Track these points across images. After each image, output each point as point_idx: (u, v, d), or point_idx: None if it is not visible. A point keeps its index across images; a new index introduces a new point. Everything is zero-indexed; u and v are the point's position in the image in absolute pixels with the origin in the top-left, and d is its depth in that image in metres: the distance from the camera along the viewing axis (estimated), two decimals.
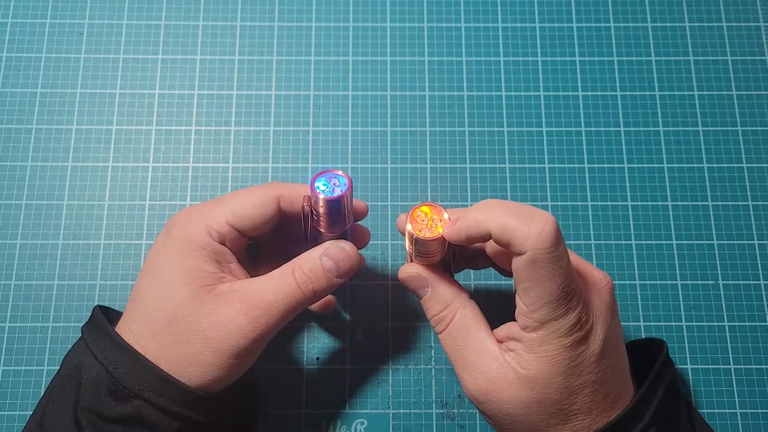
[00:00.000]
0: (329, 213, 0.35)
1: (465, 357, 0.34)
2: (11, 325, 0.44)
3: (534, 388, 0.31)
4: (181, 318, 0.33)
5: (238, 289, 0.34)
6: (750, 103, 0.49)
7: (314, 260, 0.35)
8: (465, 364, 0.34)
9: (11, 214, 0.46)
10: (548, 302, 0.31)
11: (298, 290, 0.34)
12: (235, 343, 0.33)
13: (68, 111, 0.48)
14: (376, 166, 0.48)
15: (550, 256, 0.30)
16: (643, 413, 0.32)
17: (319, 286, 0.35)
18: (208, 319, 0.33)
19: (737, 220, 0.47)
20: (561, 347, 0.31)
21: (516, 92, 0.50)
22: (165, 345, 0.33)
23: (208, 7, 0.51)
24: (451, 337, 0.35)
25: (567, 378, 0.31)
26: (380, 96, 0.49)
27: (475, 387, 0.33)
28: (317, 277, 0.35)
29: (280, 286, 0.34)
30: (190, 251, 0.34)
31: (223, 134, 0.48)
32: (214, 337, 0.33)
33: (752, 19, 0.52)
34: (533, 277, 0.31)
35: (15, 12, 0.50)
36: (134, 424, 0.32)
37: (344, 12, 0.51)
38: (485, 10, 0.51)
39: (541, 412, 0.32)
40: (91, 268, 0.45)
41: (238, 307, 0.33)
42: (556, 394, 0.31)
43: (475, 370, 0.33)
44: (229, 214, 0.35)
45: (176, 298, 0.33)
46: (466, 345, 0.34)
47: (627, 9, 0.52)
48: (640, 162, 0.48)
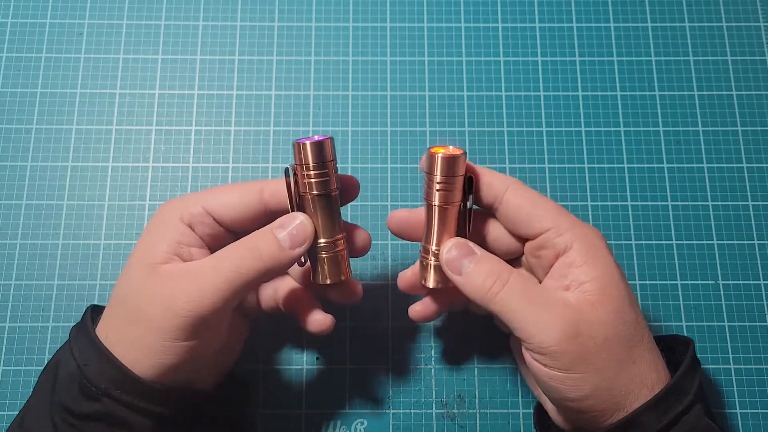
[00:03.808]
0: (314, 164, 0.33)
1: (536, 306, 0.32)
2: (11, 325, 0.44)
3: (609, 303, 0.32)
4: (130, 298, 0.32)
5: (182, 267, 0.33)
6: (750, 103, 0.49)
7: (265, 232, 0.33)
8: (538, 315, 0.32)
9: (11, 214, 0.46)
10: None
11: (247, 264, 0.32)
12: (172, 323, 0.31)
13: (68, 111, 0.48)
14: (376, 166, 0.48)
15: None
16: (688, 388, 0.32)
17: (270, 259, 0.32)
18: (150, 298, 0.32)
19: (737, 220, 0.47)
20: (609, 260, 0.33)
21: (516, 92, 0.50)
22: (118, 329, 0.32)
23: (208, 7, 0.51)
24: (515, 291, 0.32)
25: (626, 287, 0.33)
26: (380, 96, 0.49)
27: (556, 332, 0.31)
28: (268, 248, 0.33)
29: (224, 262, 0.32)
30: (152, 230, 0.34)
31: (223, 134, 0.48)
32: (153, 316, 0.31)
33: (752, 19, 0.52)
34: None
35: (15, 12, 0.50)
36: (105, 421, 0.31)
37: (344, 12, 0.51)
38: (485, 10, 0.51)
39: (622, 339, 0.31)
40: (91, 268, 0.45)
41: (179, 285, 0.32)
42: (629, 308, 0.32)
43: (551, 315, 0.31)
44: (207, 199, 0.34)
45: (128, 278, 0.33)
46: (536, 293, 0.32)
47: (627, 9, 0.52)
48: (640, 162, 0.48)
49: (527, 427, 0.42)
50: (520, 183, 0.35)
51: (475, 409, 0.43)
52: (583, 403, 0.32)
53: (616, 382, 0.31)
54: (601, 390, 0.31)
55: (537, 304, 0.32)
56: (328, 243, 0.35)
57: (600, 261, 0.33)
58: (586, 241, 0.33)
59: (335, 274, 0.36)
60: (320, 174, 0.34)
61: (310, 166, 0.34)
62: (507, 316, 0.32)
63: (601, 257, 0.33)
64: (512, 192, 0.34)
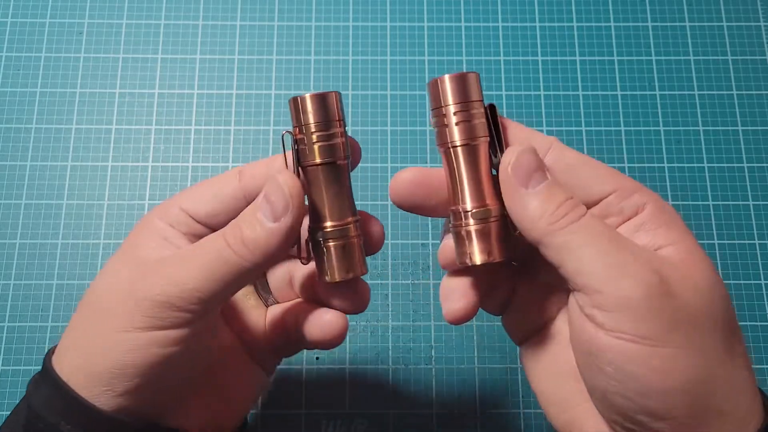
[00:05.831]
0: (317, 122, 0.27)
1: (616, 247, 0.23)
2: (10, 325, 0.44)
3: (703, 267, 0.24)
4: (92, 296, 0.28)
5: (158, 255, 0.28)
6: (750, 103, 0.49)
7: (249, 207, 0.27)
8: (619, 256, 0.23)
9: (10, 214, 0.46)
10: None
11: (225, 253, 0.26)
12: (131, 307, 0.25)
13: (68, 110, 0.48)
14: (376, 166, 0.48)
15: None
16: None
17: (252, 242, 0.25)
18: (111, 285, 0.27)
19: (738, 220, 0.47)
20: (686, 227, 0.26)
21: (516, 91, 0.49)
22: (73, 339, 0.27)
23: (207, 6, 0.51)
24: (592, 226, 0.24)
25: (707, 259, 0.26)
26: (380, 95, 0.49)
27: (642, 280, 0.22)
28: (250, 228, 0.26)
29: (205, 246, 0.26)
30: (132, 233, 0.30)
31: (223, 134, 0.48)
32: (111, 305, 0.26)
33: (752, 18, 0.52)
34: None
35: (15, 11, 0.50)
36: None
37: (344, 11, 0.51)
38: (485, 9, 0.51)
39: (721, 317, 0.23)
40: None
41: (149, 270, 0.26)
42: (721, 282, 0.25)
43: (636, 259, 0.23)
44: (182, 198, 0.29)
45: (98, 276, 0.29)
46: (615, 234, 0.24)
47: (627, 9, 0.52)
48: (641, 162, 0.48)
49: (528, 427, 0.42)
50: (560, 142, 0.28)
51: (476, 409, 0.43)
52: (668, 400, 0.22)
53: (716, 376, 0.22)
54: (699, 382, 0.22)
55: (617, 245, 0.24)
56: (337, 227, 0.27)
57: (678, 225, 0.26)
58: (659, 204, 0.26)
59: (348, 267, 0.28)
60: (325, 136, 0.27)
61: (311, 125, 0.27)
62: (574, 254, 0.23)
63: (678, 222, 0.26)
64: (558, 150, 0.27)
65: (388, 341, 0.44)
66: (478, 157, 0.27)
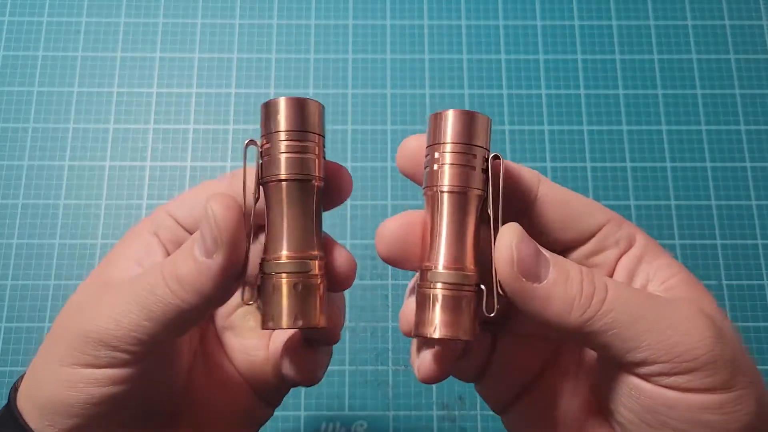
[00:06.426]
0: (288, 130, 0.22)
1: (660, 308, 0.22)
2: (7, 325, 0.44)
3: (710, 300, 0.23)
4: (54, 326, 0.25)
5: (112, 280, 0.25)
6: (753, 102, 0.49)
7: (191, 238, 0.23)
8: (670, 317, 0.22)
9: (7, 214, 0.46)
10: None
11: (160, 287, 0.22)
12: (66, 342, 0.23)
13: (65, 110, 0.48)
14: (375, 165, 0.47)
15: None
16: None
17: (188, 278, 0.22)
18: (64, 315, 0.24)
19: (740, 220, 0.47)
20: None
21: (517, 90, 0.49)
22: (33, 365, 0.25)
23: (206, 5, 0.51)
24: (625, 296, 0.22)
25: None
26: (380, 94, 0.49)
27: (703, 334, 0.21)
28: (184, 263, 0.22)
29: (142, 280, 0.23)
30: (116, 246, 0.27)
31: (222, 133, 0.48)
32: (57, 336, 0.24)
33: (755, 17, 0.51)
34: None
35: (12, 10, 0.50)
36: None
37: (344, 10, 0.51)
38: (486, 8, 0.51)
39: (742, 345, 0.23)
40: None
41: (93, 301, 0.23)
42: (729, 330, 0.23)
43: (683, 313, 0.22)
44: (171, 203, 0.26)
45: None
46: (643, 293, 0.23)
47: (629, 7, 0.51)
48: (643, 161, 0.48)
49: None
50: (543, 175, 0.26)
51: (476, 410, 0.43)
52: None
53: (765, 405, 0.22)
54: (757, 414, 0.22)
55: (653, 303, 0.22)
56: (294, 259, 0.22)
57: (666, 253, 0.25)
58: (643, 233, 0.25)
59: (299, 312, 0.22)
60: (295, 147, 0.22)
61: (281, 133, 0.22)
62: (624, 334, 0.21)
63: (663, 250, 0.25)
64: (547, 186, 0.25)
65: (388, 341, 0.44)
66: (467, 210, 0.23)
